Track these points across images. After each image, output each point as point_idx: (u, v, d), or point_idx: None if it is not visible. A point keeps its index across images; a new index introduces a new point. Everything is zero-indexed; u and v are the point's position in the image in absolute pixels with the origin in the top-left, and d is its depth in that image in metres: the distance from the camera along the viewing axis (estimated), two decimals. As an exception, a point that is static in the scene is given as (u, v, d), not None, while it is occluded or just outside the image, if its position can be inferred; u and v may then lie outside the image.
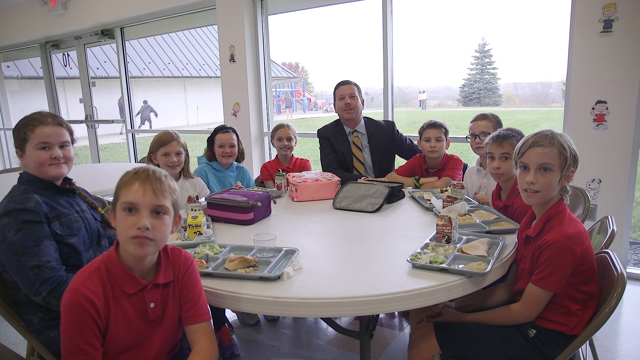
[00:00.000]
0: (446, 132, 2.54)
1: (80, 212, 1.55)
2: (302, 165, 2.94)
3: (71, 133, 1.57)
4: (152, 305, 1.19)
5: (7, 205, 1.39)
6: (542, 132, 1.41)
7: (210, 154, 2.68)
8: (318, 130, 2.90)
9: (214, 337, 1.27)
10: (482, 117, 2.37)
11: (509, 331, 1.41)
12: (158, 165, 2.26)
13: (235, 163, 2.74)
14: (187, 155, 2.36)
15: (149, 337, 1.21)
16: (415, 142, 2.83)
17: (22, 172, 1.52)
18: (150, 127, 14.95)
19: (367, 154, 2.78)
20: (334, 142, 2.78)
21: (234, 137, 2.64)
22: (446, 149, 2.58)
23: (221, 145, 2.61)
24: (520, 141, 1.46)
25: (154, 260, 1.22)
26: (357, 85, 2.78)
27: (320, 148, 2.86)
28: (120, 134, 14.74)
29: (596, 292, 1.37)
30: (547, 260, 1.32)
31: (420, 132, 2.57)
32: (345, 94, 2.73)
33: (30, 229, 1.36)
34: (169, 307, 1.23)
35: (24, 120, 1.49)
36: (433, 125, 2.53)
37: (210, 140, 2.66)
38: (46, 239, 1.38)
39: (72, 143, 1.57)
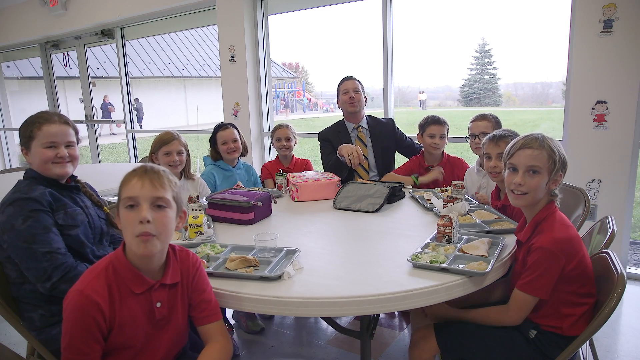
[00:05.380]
0: (448, 129, 2.57)
1: (85, 207, 1.57)
2: (303, 166, 2.93)
3: (76, 132, 1.59)
4: (158, 304, 1.19)
5: (12, 195, 1.42)
6: (533, 135, 1.41)
7: (215, 153, 2.65)
8: (319, 133, 2.93)
9: (228, 334, 1.28)
10: (482, 117, 2.38)
11: (510, 333, 1.40)
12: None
13: (242, 161, 2.73)
14: (189, 155, 2.36)
15: (155, 339, 1.20)
16: (415, 141, 2.85)
17: (27, 169, 1.54)
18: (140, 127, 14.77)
19: (370, 150, 2.81)
20: (335, 143, 2.79)
21: (235, 132, 2.62)
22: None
23: (224, 142, 2.58)
24: (510, 143, 1.46)
25: (162, 260, 1.21)
26: (360, 82, 2.86)
27: (321, 150, 2.87)
28: (107, 135, 14.64)
29: (593, 293, 1.37)
30: (533, 265, 1.32)
31: (423, 127, 2.58)
32: (350, 88, 2.81)
33: (38, 217, 1.39)
34: (176, 309, 1.22)
35: (31, 118, 1.52)
36: (437, 122, 2.55)
37: (212, 140, 2.63)
38: (53, 227, 1.42)
39: (78, 143, 1.59)
